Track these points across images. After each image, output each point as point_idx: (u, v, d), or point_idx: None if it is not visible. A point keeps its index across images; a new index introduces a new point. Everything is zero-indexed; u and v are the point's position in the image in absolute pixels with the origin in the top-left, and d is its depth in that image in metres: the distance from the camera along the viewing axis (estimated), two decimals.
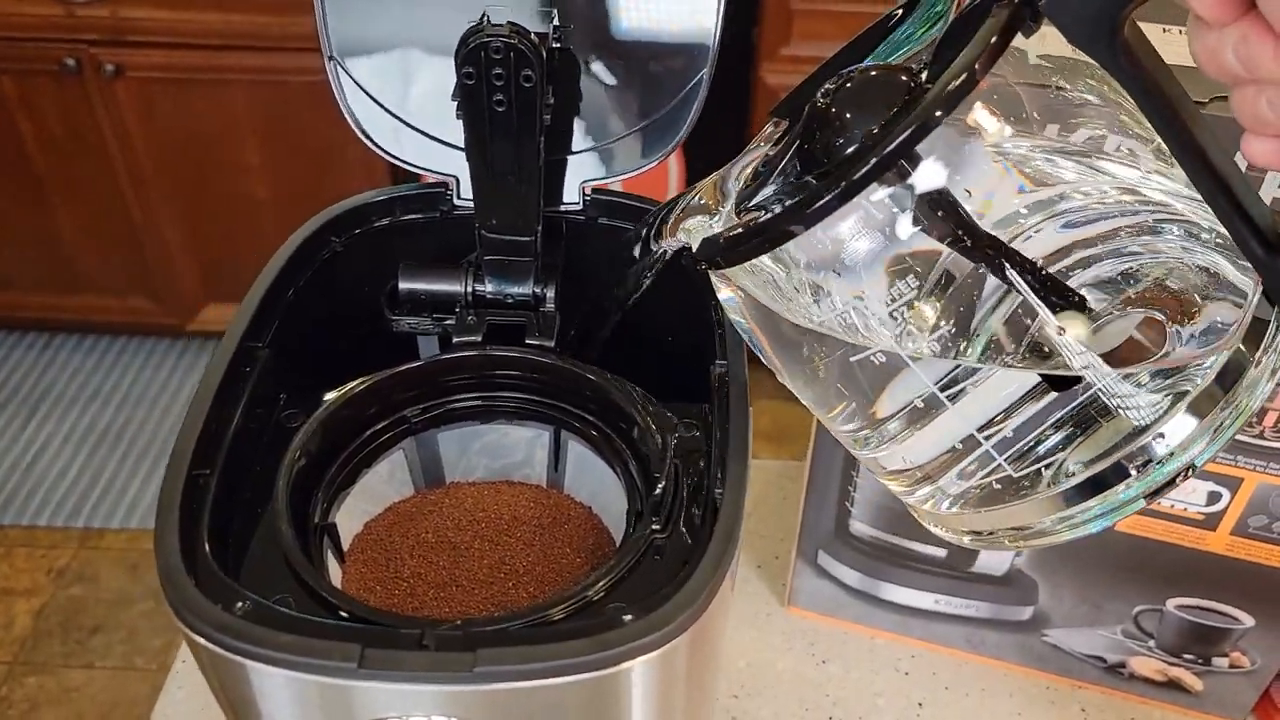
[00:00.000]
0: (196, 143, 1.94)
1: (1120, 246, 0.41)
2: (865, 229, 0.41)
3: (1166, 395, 0.41)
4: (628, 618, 0.43)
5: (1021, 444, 0.43)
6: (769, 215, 0.39)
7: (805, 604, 0.84)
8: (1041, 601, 0.76)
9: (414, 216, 0.65)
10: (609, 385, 0.58)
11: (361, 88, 0.62)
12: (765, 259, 0.42)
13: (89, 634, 1.80)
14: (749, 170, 0.47)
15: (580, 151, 0.63)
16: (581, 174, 0.64)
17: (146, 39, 1.82)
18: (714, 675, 0.55)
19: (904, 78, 0.40)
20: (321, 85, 0.63)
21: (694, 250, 0.43)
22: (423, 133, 0.63)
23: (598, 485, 0.61)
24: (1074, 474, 0.42)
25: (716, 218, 0.47)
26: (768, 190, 0.44)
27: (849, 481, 0.75)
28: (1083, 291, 0.40)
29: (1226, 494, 0.67)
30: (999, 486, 0.44)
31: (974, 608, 0.79)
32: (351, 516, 0.58)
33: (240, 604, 0.44)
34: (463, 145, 0.59)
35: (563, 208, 0.65)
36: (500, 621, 0.46)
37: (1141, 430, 0.41)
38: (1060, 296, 0.40)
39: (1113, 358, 0.40)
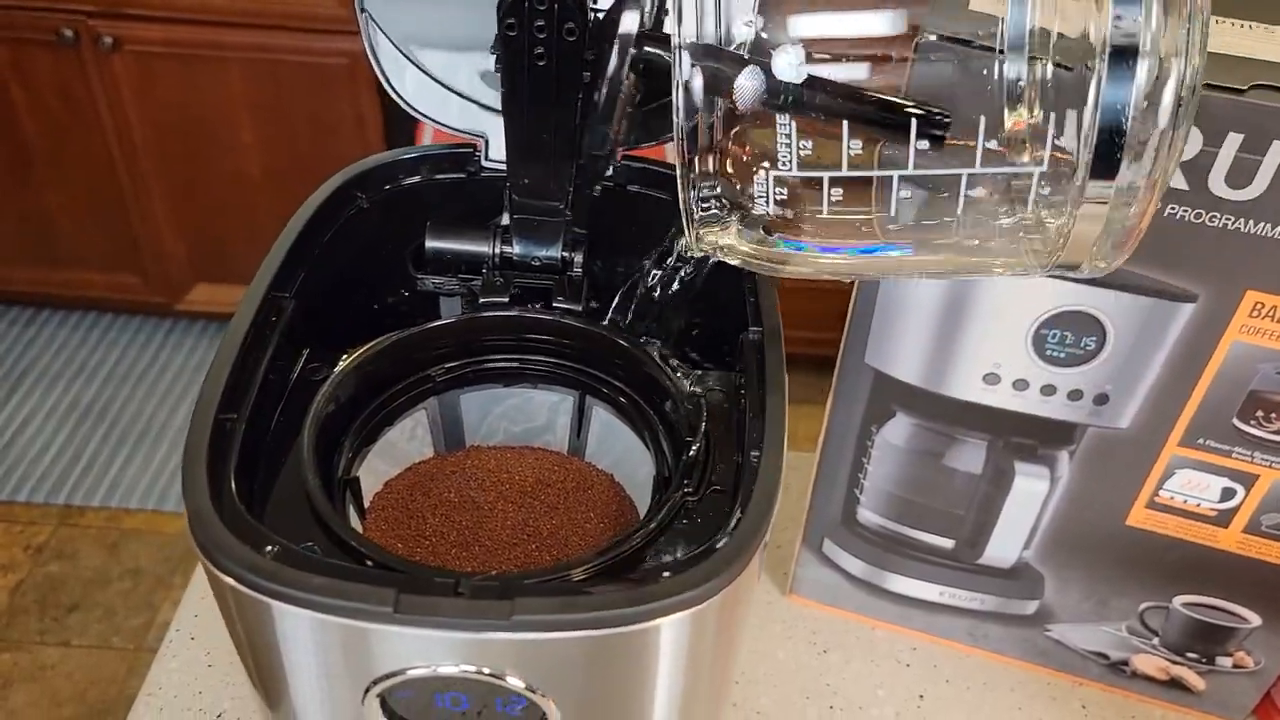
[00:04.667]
0: (191, 119, 1.92)
1: None
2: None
3: None
4: (666, 574, 0.43)
5: None
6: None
7: (807, 593, 0.83)
8: (1047, 596, 0.76)
9: (441, 176, 0.64)
10: (640, 352, 0.57)
11: (392, 41, 0.61)
12: None
13: (66, 612, 1.77)
14: None
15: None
16: None
17: (146, 12, 1.80)
18: (735, 657, 0.55)
19: None
20: (319, 66, 0.62)
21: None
22: (453, 90, 0.62)
23: (621, 454, 0.60)
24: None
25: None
26: None
27: (859, 469, 0.74)
28: None
29: (1241, 490, 0.66)
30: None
31: (979, 600, 0.78)
32: (371, 475, 0.58)
33: (270, 547, 0.43)
34: (493, 105, 0.58)
35: None
36: (532, 576, 0.45)
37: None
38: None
39: None
